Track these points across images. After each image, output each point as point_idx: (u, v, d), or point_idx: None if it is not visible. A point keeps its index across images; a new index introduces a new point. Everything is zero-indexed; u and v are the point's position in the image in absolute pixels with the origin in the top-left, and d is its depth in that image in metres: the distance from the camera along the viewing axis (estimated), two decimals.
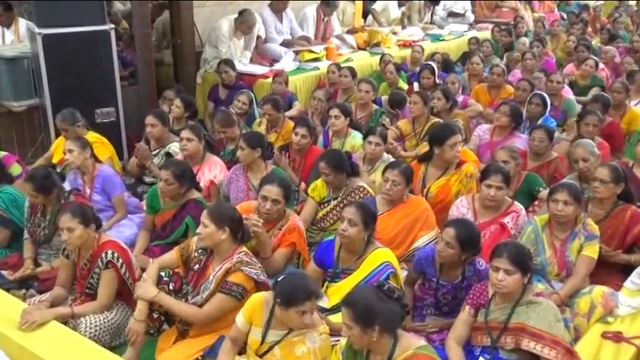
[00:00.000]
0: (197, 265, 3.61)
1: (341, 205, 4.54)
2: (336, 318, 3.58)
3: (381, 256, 3.65)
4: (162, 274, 3.60)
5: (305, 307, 2.99)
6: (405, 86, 7.82)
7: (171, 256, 3.72)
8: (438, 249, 3.60)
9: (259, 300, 3.21)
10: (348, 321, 2.77)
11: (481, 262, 3.67)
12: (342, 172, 4.57)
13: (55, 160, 5.53)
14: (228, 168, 5.18)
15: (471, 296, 3.43)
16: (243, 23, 7.82)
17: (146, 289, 3.50)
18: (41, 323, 3.39)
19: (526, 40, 9.63)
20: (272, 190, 3.97)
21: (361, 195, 4.58)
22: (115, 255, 3.69)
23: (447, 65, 8.61)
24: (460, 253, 3.55)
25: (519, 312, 3.23)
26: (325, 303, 3.72)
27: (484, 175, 4.32)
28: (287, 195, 4.03)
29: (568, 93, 7.40)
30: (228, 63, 7.21)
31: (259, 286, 3.46)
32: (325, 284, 3.81)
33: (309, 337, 3.09)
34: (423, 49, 9.04)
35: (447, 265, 3.65)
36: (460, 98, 7.18)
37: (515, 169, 4.85)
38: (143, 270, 3.83)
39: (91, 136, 5.37)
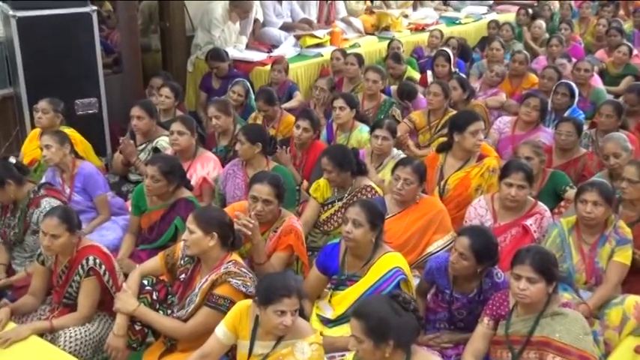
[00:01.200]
0: (183, 275, 3.60)
1: (346, 206, 4.53)
2: (341, 330, 3.60)
3: (390, 261, 3.63)
4: (145, 282, 3.60)
5: (284, 306, 2.99)
6: (417, 75, 7.81)
7: (155, 262, 3.72)
8: (450, 260, 3.57)
9: (244, 307, 3.21)
10: (359, 334, 2.76)
11: (499, 273, 3.64)
12: (347, 170, 4.56)
13: (25, 155, 5.54)
14: (223, 166, 5.18)
15: (490, 306, 3.41)
16: (239, 7, 7.82)
17: (125, 301, 3.50)
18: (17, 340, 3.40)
19: (542, 23, 9.57)
20: (262, 190, 3.95)
21: (369, 195, 4.57)
22: (97, 261, 3.68)
23: (463, 51, 8.60)
24: (475, 265, 3.52)
25: (544, 324, 3.22)
26: (329, 313, 3.72)
27: (504, 172, 4.31)
28: (280, 194, 4.00)
29: (597, 82, 7.39)
30: (218, 56, 7.16)
31: (249, 299, 3.43)
32: (329, 292, 3.81)
33: (298, 347, 3.08)
34: (442, 34, 9.02)
35: (461, 277, 3.63)
36: (494, 90, 7.17)
37: (540, 166, 4.84)
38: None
39: (66, 131, 5.36)
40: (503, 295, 3.42)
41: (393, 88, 7.09)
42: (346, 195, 4.63)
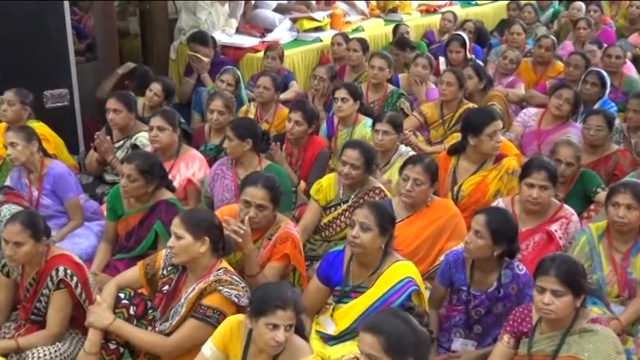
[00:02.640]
0: (167, 287, 3.60)
1: (351, 209, 4.54)
2: (343, 348, 3.60)
3: (401, 270, 3.64)
4: (122, 295, 3.60)
5: (277, 319, 2.98)
6: None
7: (133, 273, 3.72)
8: (465, 241, 3.64)
9: (235, 323, 3.21)
10: (375, 351, 2.72)
11: (521, 265, 3.71)
12: (370, 170, 4.59)
13: None
14: (211, 166, 5.18)
15: (511, 323, 3.42)
16: None
17: (100, 315, 3.50)
18: None
19: (582, 5, 9.59)
20: (256, 194, 3.93)
21: (377, 199, 4.57)
22: (69, 272, 3.67)
23: (480, 36, 8.61)
24: (492, 245, 3.58)
25: (571, 343, 3.22)
26: (330, 329, 3.71)
27: (525, 171, 4.32)
28: (275, 199, 3.98)
29: (630, 70, 7.41)
30: (201, 39, 7.08)
31: (242, 312, 3.42)
32: (331, 306, 3.80)
33: None
34: (455, 16, 9.02)
35: (479, 268, 3.69)
36: (510, 78, 7.18)
37: (576, 172, 4.85)
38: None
39: (35, 126, 5.36)
40: (525, 309, 3.42)
41: (402, 76, 7.09)
42: (352, 197, 4.63)
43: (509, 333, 3.41)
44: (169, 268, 3.62)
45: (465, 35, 7.65)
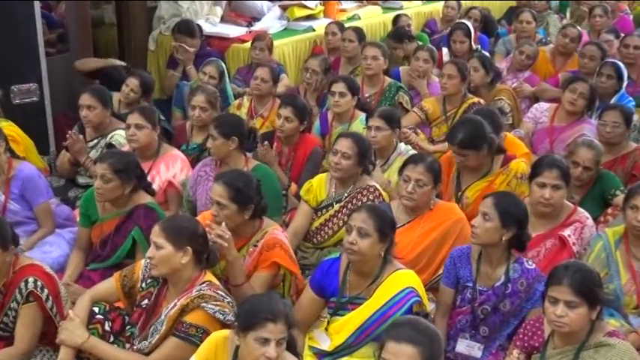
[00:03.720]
0: (146, 301, 3.60)
1: (344, 210, 4.55)
2: None
3: (402, 279, 3.65)
4: (96, 309, 3.60)
5: (267, 332, 2.98)
6: None
7: (109, 285, 3.72)
8: (472, 224, 3.73)
9: (220, 339, 3.20)
10: None
11: (530, 261, 3.78)
12: (364, 163, 4.62)
13: None
14: (193, 167, 5.18)
15: (521, 337, 3.44)
16: None
17: (72, 332, 3.49)
18: None
19: None
20: (215, 190, 3.96)
21: (370, 197, 4.59)
22: (39, 284, 3.66)
23: (487, 25, 8.63)
24: (500, 229, 3.66)
25: (586, 358, 3.23)
26: (325, 344, 3.71)
27: (535, 170, 4.34)
28: (238, 199, 3.94)
29: None
30: (187, 29, 7.05)
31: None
32: (326, 319, 3.80)
33: None
34: (459, 4, 9.04)
35: (485, 261, 3.75)
36: (526, 74, 7.19)
37: (594, 175, 4.87)
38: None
39: (3, 125, 5.35)
40: (537, 322, 3.44)
41: (403, 69, 7.11)
42: (345, 195, 4.64)
43: (519, 348, 3.42)
44: (149, 281, 3.62)
45: (469, 24, 7.67)
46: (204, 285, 3.49)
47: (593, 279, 3.28)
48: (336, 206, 4.65)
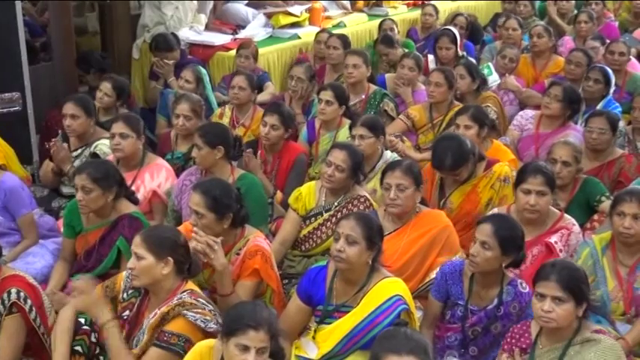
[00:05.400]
0: (127, 312, 3.60)
1: (333, 219, 4.56)
2: None
3: (389, 287, 3.65)
4: (82, 320, 3.59)
5: (247, 339, 2.98)
6: None
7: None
8: (471, 253, 3.67)
9: (205, 349, 3.20)
10: None
11: (524, 283, 3.74)
12: (356, 175, 4.63)
13: None
14: (178, 176, 5.17)
15: (508, 340, 3.46)
16: None
17: (101, 308, 3.54)
18: None
19: None
20: (193, 199, 3.96)
21: (361, 207, 4.59)
22: (22, 295, 3.65)
23: (473, 31, 8.68)
24: (500, 256, 3.64)
25: (572, 354, 3.26)
26: (312, 353, 3.71)
27: (520, 177, 4.36)
28: (216, 208, 3.93)
29: (636, 68, 7.47)
30: (165, 44, 7.05)
31: (210, 338, 3.39)
32: (313, 327, 3.79)
33: None
34: (436, 11, 9.07)
35: (479, 282, 3.72)
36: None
37: (575, 175, 4.89)
38: None
39: None
40: (524, 325, 3.47)
41: (388, 76, 7.12)
42: (336, 205, 4.65)
43: (507, 352, 3.44)
44: (130, 292, 3.62)
45: (455, 31, 7.70)
46: (184, 293, 3.48)
47: (580, 276, 3.33)
48: (326, 215, 4.66)
